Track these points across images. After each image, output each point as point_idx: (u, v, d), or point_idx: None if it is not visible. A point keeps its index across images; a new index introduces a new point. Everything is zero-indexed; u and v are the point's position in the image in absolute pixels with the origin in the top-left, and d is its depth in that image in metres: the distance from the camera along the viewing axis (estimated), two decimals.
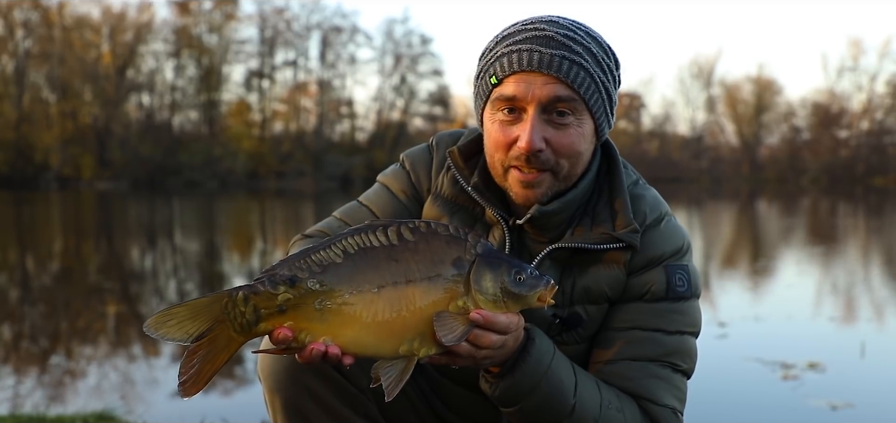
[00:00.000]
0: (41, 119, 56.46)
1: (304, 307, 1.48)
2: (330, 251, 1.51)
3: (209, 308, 1.48)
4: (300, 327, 1.49)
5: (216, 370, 1.49)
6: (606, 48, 1.78)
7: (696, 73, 72.21)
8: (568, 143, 1.73)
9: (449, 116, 65.21)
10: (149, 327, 1.45)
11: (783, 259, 12.85)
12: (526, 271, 1.56)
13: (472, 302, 1.54)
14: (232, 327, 1.48)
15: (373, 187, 2.04)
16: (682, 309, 1.83)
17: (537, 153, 1.71)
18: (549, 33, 1.71)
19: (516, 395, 1.66)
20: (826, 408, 4.51)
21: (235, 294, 1.48)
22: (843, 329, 6.96)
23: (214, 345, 1.49)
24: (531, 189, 1.76)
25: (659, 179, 49.93)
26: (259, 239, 16.76)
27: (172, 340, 1.47)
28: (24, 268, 12.14)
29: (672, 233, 1.87)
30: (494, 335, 1.55)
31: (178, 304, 1.48)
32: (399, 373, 1.52)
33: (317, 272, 1.49)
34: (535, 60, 1.70)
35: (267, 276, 1.49)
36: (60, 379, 5.37)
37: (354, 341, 1.50)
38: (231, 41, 63.26)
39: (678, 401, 1.81)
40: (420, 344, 1.53)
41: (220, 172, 57.74)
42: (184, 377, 1.47)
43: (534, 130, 1.70)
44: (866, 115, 69.06)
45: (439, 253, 1.54)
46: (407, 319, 1.51)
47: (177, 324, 1.47)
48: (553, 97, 1.70)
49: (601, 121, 1.78)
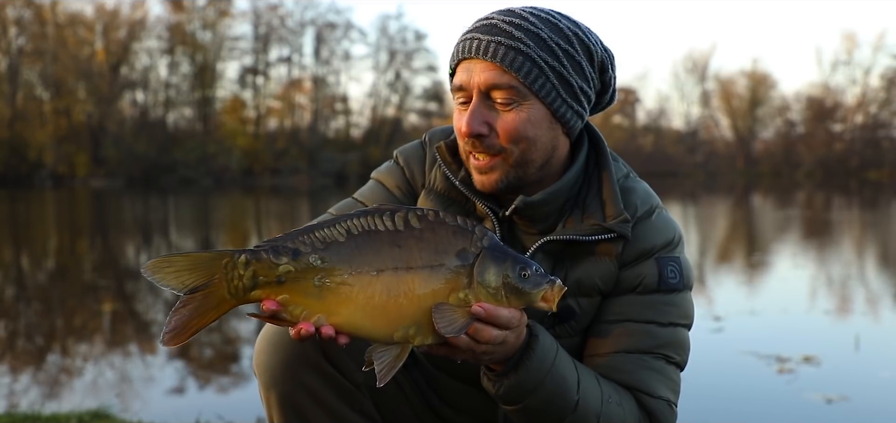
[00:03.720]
0: (35, 117, 56.33)
1: (303, 282, 1.48)
2: (334, 230, 1.51)
3: (209, 264, 1.49)
4: (296, 301, 1.49)
5: (202, 326, 1.50)
6: (569, 34, 1.75)
7: (691, 67, 72.38)
8: (511, 127, 1.73)
9: (444, 112, 65.14)
10: (147, 269, 1.46)
11: (778, 253, 12.87)
12: (531, 268, 1.54)
13: (473, 295, 1.52)
14: (227, 288, 1.49)
15: (367, 184, 2.05)
16: (675, 301, 1.83)
17: (479, 137, 1.74)
18: (494, 21, 1.74)
19: (520, 393, 1.66)
20: (821, 401, 4.53)
21: (237, 256, 1.48)
22: (837, 323, 6.98)
23: (206, 301, 1.49)
24: (485, 174, 1.78)
25: (654, 173, 50.01)
26: (254, 236, 16.74)
27: (167, 286, 1.47)
28: (18, 266, 12.11)
29: (664, 225, 1.87)
30: (495, 330, 1.54)
31: (179, 252, 1.48)
32: (393, 358, 1.51)
33: (319, 249, 1.49)
34: (472, 48, 1.73)
35: (270, 245, 1.50)
36: (56, 377, 5.36)
37: (348, 322, 1.50)
38: (225, 38, 63.17)
39: (672, 393, 1.82)
40: (416, 332, 1.52)
41: (215, 169, 57.65)
42: (170, 327, 1.47)
43: (472, 114, 1.73)
44: (860, 109, 69.19)
45: (444, 243, 1.53)
46: (404, 305, 1.50)
47: (174, 272, 1.47)
48: (490, 84, 1.72)
49: (557, 107, 1.75)
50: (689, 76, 72.54)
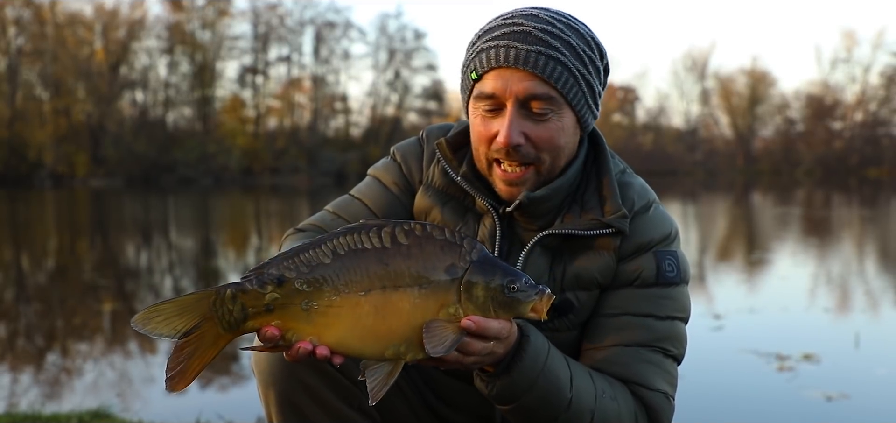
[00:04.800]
0: (34, 117, 56.31)
1: (292, 307, 1.48)
2: (319, 251, 1.49)
3: (197, 305, 1.48)
4: (287, 326, 1.48)
5: (203, 366, 1.49)
6: (588, 39, 1.78)
7: (690, 65, 72.40)
8: (547, 137, 1.75)
9: (443, 111, 65.24)
10: (136, 322, 1.45)
11: (778, 251, 12.87)
12: (520, 280, 1.53)
13: (462, 309, 1.51)
14: (220, 324, 1.48)
15: (365, 181, 2.05)
16: (672, 295, 1.84)
17: (516, 147, 1.74)
18: (526, 28, 1.73)
19: (513, 394, 1.66)
20: (821, 399, 4.52)
21: (223, 292, 1.48)
22: (837, 320, 6.98)
23: (202, 342, 1.48)
24: (515, 187, 1.79)
25: (653, 171, 50.03)
26: (254, 236, 16.74)
27: (160, 335, 1.46)
28: (18, 266, 12.11)
29: (660, 219, 1.89)
30: (483, 343, 1.54)
31: (165, 300, 1.47)
32: (385, 376, 1.51)
33: (304, 272, 1.48)
34: (511, 57, 1.72)
35: (255, 274, 1.49)
36: (56, 377, 5.36)
37: (340, 344, 1.49)
38: (224, 37, 63.18)
39: (670, 386, 1.83)
40: (407, 349, 1.51)
41: (215, 168, 57.63)
42: (171, 373, 1.47)
43: (511, 125, 1.72)
44: (860, 106, 69.23)
45: (432, 259, 1.51)
46: (393, 325, 1.49)
47: (164, 320, 1.46)
48: (530, 93, 1.72)
49: (583, 113, 1.79)
50: (689, 74, 72.64)
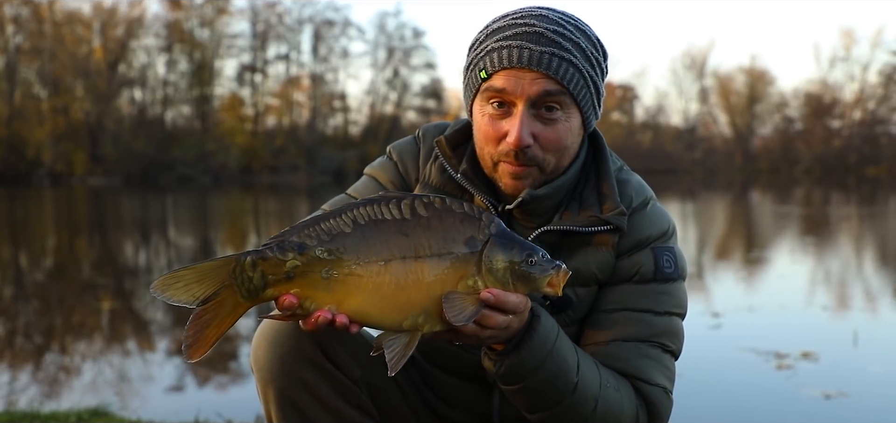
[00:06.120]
0: (33, 115, 56.29)
1: (311, 275, 1.48)
2: (340, 220, 1.50)
3: (216, 272, 1.47)
4: (306, 294, 1.48)
5: (221, 334, 1.49)
6: (594, 40, 1.80)
7: (689, 64, 72.45)
8: (555, 138, 1.76)
9: (442, 109, 65.31)
10: (155, 288, 1.45)
11: (776, 249, 12.88)
12: (538, 254, 1.55)
13: (482, 282, 1.53)
14: (239, 292, 1.48)
15: (361, 179, 2.05)
16: (670, 290, 1.86)
17: (525, 149, 1.74)
18: (538, 29, 1.73)
19: (521, 373, 1.67)
20: (820, 397, 4.53)
21: (244, 259, 1.47)
22: (836, 319, 6.98)
23: (220, 309, 1.48)
24: (521, 180, 1.79)
25: (652, 170, 50.09)
26: (253, 234, 16.74)
27: (178, 302, 1.46)
28: (17, 265, 12.11)
29: (658, 216, 1.90)
30: (501, 316, 1.55)
31: (185, 267, 1.47)
32: (403, 347, 1.51)
33: (325, 241, 1.48)
34: (524, 57, 1.72)
35: (275, 242, 1.48)
36: (55, 375, 5.36)
37: (358, 313, 1.49)
38: (223, 35, 63.21)
39: (668, 381, 1.84)
40: (425, 320, 1.52)
41: (213, 167, 57.65)
42: (189, 341, 1.46)
43: (522, 126, 1.73)
44: (859, 105, 69.30)
45: (452, 231, 1.53)
46: (412, 294, 1.50)
47: (183, 286, 1.46)
48: (542, 93, 1.73)
49: (588, 113, 1.81)
50: (688, 73, 72.69)
